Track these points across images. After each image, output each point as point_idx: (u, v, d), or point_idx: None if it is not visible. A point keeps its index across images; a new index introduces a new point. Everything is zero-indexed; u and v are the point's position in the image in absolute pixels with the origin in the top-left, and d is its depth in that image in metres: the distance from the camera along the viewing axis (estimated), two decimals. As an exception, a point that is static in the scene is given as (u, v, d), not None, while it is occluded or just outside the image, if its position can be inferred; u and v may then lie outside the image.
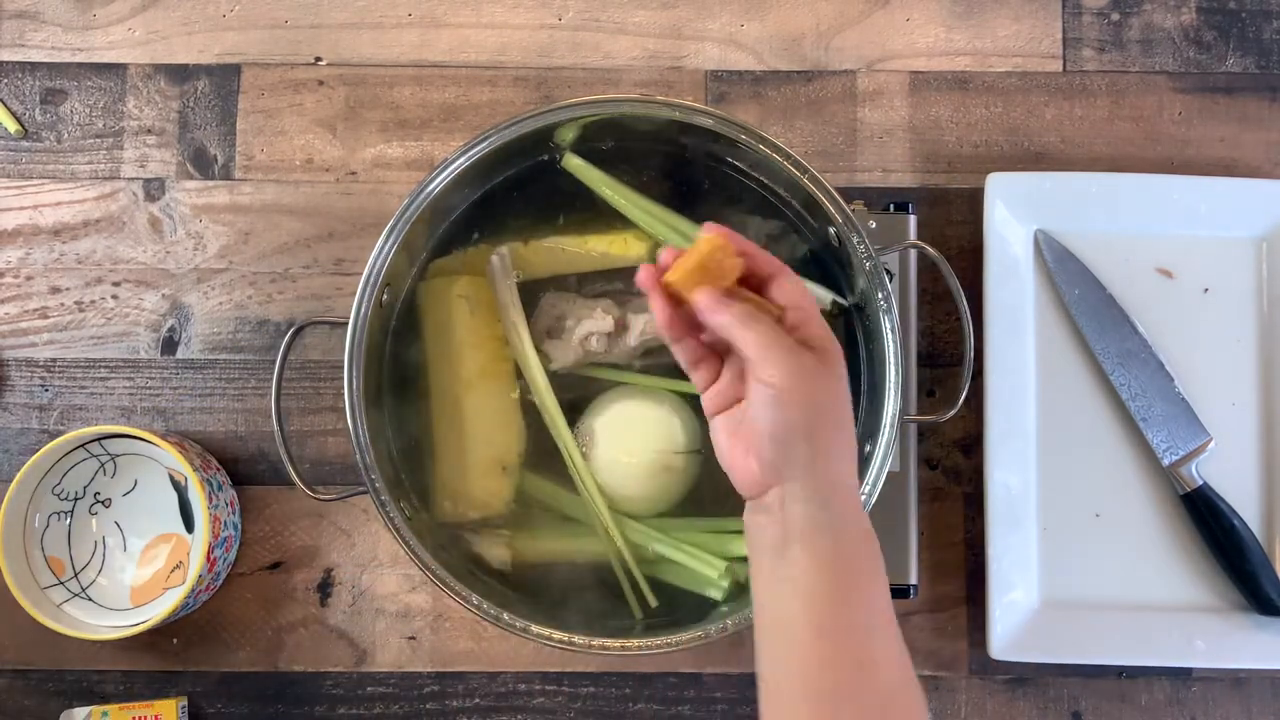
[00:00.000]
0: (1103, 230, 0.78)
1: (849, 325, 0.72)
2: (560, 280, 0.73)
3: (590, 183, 0.71)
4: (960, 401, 0.67)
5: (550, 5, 0.82)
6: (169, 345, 0.79)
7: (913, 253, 0.77)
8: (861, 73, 0.82)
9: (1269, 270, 0.79)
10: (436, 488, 0.71)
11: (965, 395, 0.67)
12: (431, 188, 0.66)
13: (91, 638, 0.73)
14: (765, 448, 0.52)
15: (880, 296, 0.66)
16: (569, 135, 0.70)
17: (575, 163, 0.71)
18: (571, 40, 0.82)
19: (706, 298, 0.52)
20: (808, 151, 0.81)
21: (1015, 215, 0.78)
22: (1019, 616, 0.75)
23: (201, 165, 0.81)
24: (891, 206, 0.77)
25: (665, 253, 0.54)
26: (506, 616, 0.64)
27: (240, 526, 0.77)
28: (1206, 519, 0.75)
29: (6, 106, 0.81)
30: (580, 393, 0.72)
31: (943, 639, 0.78)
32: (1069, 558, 0.76)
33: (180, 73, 0.82)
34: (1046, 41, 0.83)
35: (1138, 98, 0.82)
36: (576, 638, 0.64)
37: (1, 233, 0.80)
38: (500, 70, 0.82)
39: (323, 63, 0.82)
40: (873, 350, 0.69)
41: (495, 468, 0.70)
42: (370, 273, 0.66)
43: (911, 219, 0.77)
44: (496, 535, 0.70)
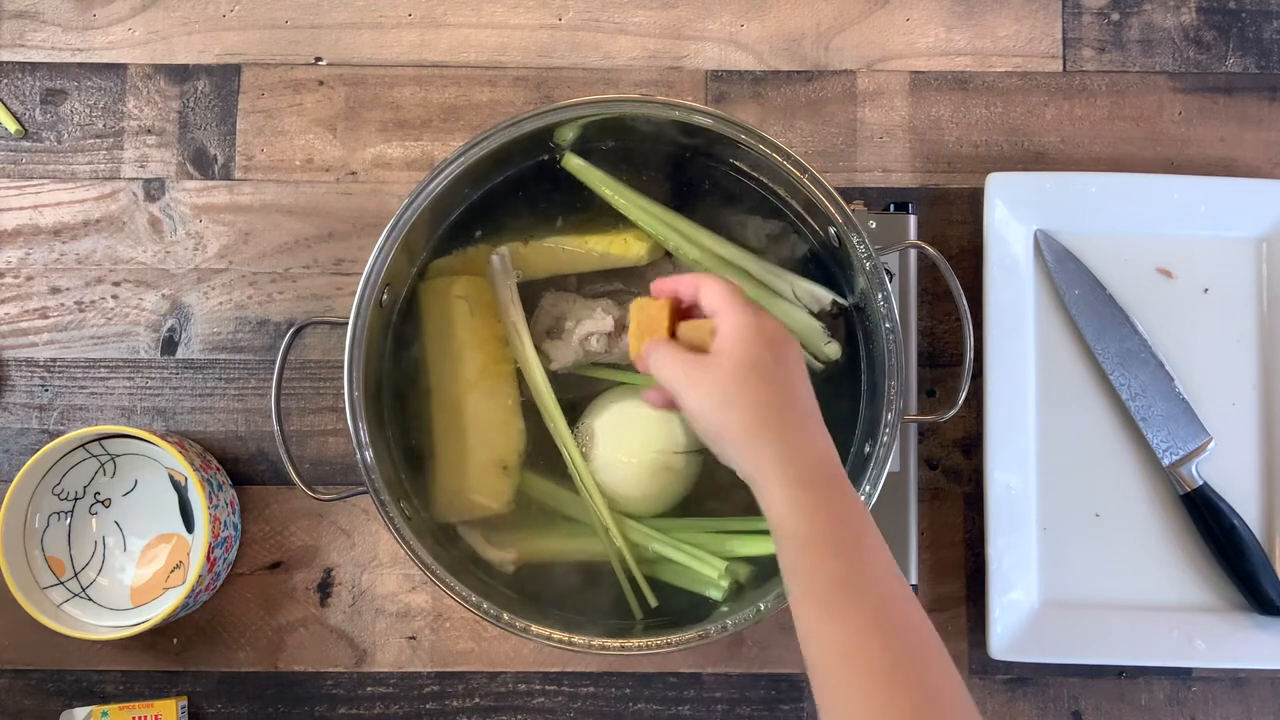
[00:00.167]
0: (1103, 230, 0.78)
1: (849, 325, 0.72)
2: (560, 280, 0.73)
3: (590, 183, 0.71)
4: (960, 401, 0.67)
5: (550, 5, 0.82)
6: (169, 345, 0.79)
7: (913, 253, 0.77)
8: (861, 73, 0.82)
9: (1269, 270, 0.79)
10: (436, 488, 0.71)
11: (965, 395, 0.67)
12: (431, 188, 0.66)
13: (91, 638, 0.73)
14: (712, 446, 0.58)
15: (880, 296, 0.66)
16: (569, 135, 0.70)
17: (575, 163, 0.71)
18: (571, 40, 0.82)
19: (635, 361, 0.61)
20: (808, 151, 0.81)
21: (1015, 215, 0.78)
22: (1019, 616, 0.75)
23: (201, 165, 0.81)
24: (891, 206, 0.77)
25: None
26: (506, 616, 0.64)
27: (240, 526, 0.77)
28: (1206, 519, 0.75)
29: (6, 106, 0.81)
30: (580, 393, 0.72)
31: (943, 639, 0.76)
32: (1069, 558, 0.76)
33: (180, 73, 0.82)
34: (1046, 41, 0.82)
35: (1138, 98, 0.82)
36: (576, 638, 0.64)
37: (1, 233, 0.80)
38: (500, 70, 0.82)
39: (323, 63, 0.82)
40: (873, 350, 0.69)
41: (495, 468, 0.70)
42: (370, 273, 0.66)
43: (911, 219, 0.77)
44: (496, 535, 0.70)
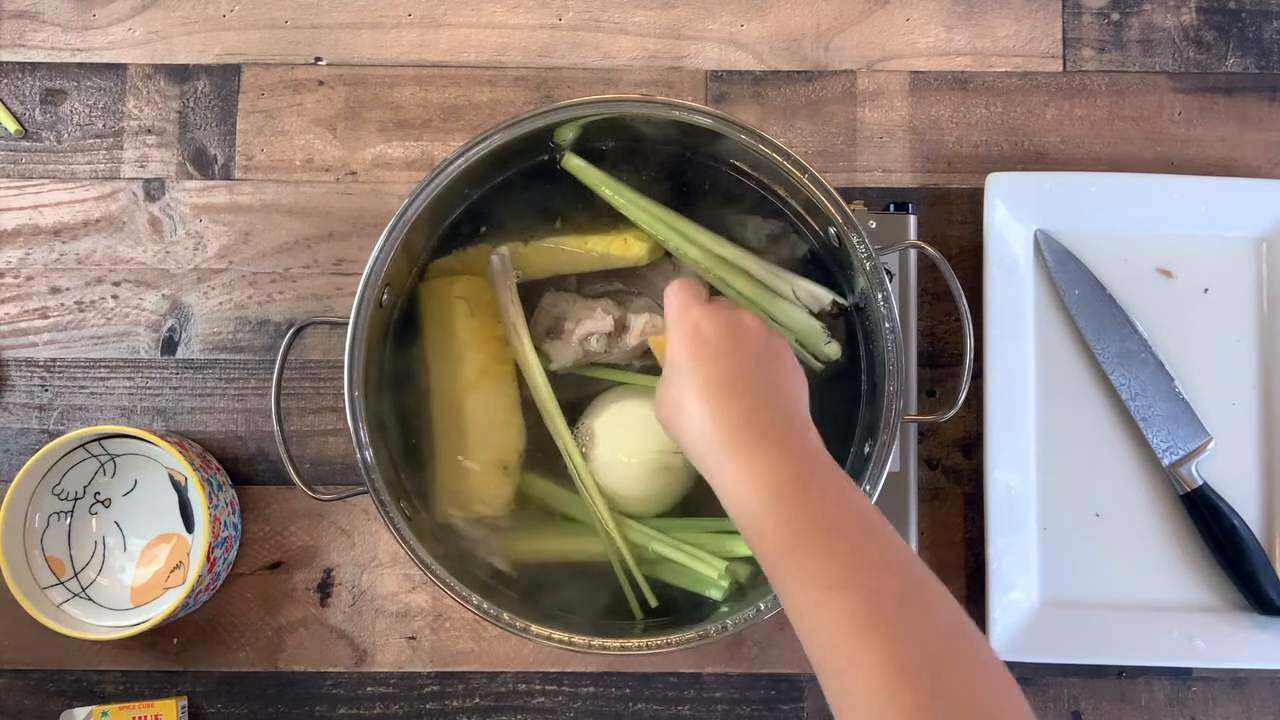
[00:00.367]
0: (1103, 230, 0.78)
1: (849, 325, 0.72)
2: (560, 280, 0.73)
3: (590, 183, 0.71)
4: (960, 401, 0.67)
5: (550, 5, 0.82)
6: (169, 345, 0.79)
7: (913, 253, 0.77)
8: (861, 73, 0.82)
9: (1269, 270, 0.79)
10: (436, 488, 0.70)
11: (965, 395, 0.67)
12: (431, 188, 0.66)
13: (91, 638, 0.73)
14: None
15: (880, 296, 0.66)
16: (569, 135, 0.70)
17: (575, 163, 0.71)
18: (571, 40, 0.82)
19: None
20: (808, 151, 0.81)
21: (1015, 215, 0.78)
22: (1019, 616, 0.75)
23: (201, 165, 0.81)
24: (891, 206, 0.77)
25: None
26: (506, 616, 0.64)
27: (240, 526, 0.77)
28: (1206, 519, 0.75)
29: (6, 106, 0.81)
30: (580, 393, 0.72)
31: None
32: (1069, 558, 0.76)
33: (180, 73, 0.82)
34: (1046, 41, 0.82)
35: (1138, 98, 0.82)
36: (576, 638, 0.64)
37: (1, 233, 0.80)
38: (500, 70, 0.82)
39: (323, 63, 0.82)
40: (873, 350, 0.69)
41: (495, 468, 0.70)
42: (370, 273, 0.66)
43: (911, 219, 0.77)
44: (496, 535, 0.70)
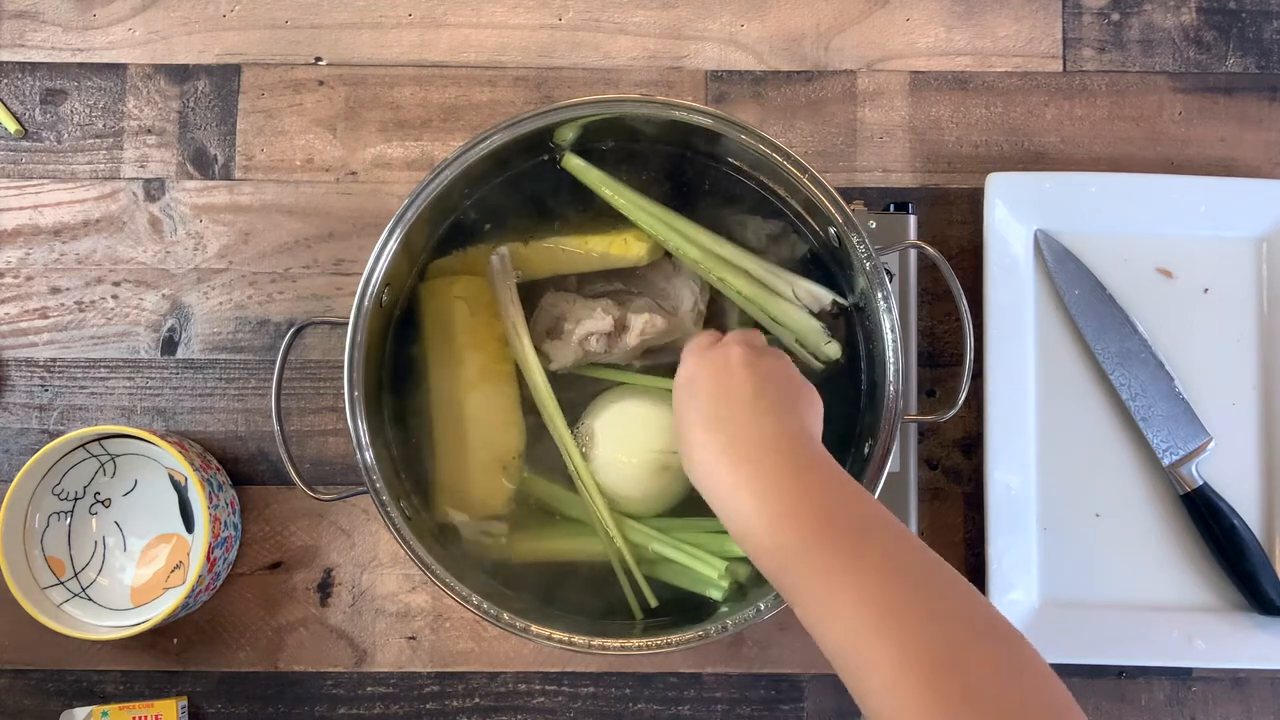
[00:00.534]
0: (1103, 230, 0.78)
1: (849, 325, 0.72)
2: (560, 280, 0.73)
3: (590, 183, 0.71)
4: (960, 401, 0.67)
5: (550, 5, 0.82)
6: (169, 345, 0.79)
7: (913, 253, 0.77)
8: (861, 73, 0.82)
9: (1269, 270, 0.79)
10: (436, 487, 0.71)
11: (965, 395, 0.67)
12: (431, 188, 0.66)
13: (91, 638, 0.73)
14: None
15: (880, 296, 0.66)
16: (569, 135, 0.70)
17: (575, 163, 0.71)
18: (571, 40, 0.82)
19: None
20: (808, 151, 0.81)
21: (1015, 215, 0.78)
22: (1019, 616, 0.75)
23: (201, 165, 0.81)
24: (891, 206, 0.77)
25: None
26: (506, 616, 0.64)
27: (240, 526, 0.77)
28: (1206, 519, 0.75)
29: (6, 106, 0.81)
30: (580, 393, 0.72)
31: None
32: (1069, 558, 0.76)
33: (180, 73, 0.82)
34: (1046, 41, 0.82)
35: (1138, 98, 0.82)
36: (576, 638, 0.64)
37: (1, 233, 0.80)
38: (500, 70, 0.82)
39: (323, 63, 0.82)
40: (873, 350, 0.69)
41: (495, 468, 0.70)
42: (370, 273, 0.66)
43: (911, 219, 0.77)
44: (496, 535, 0.70)
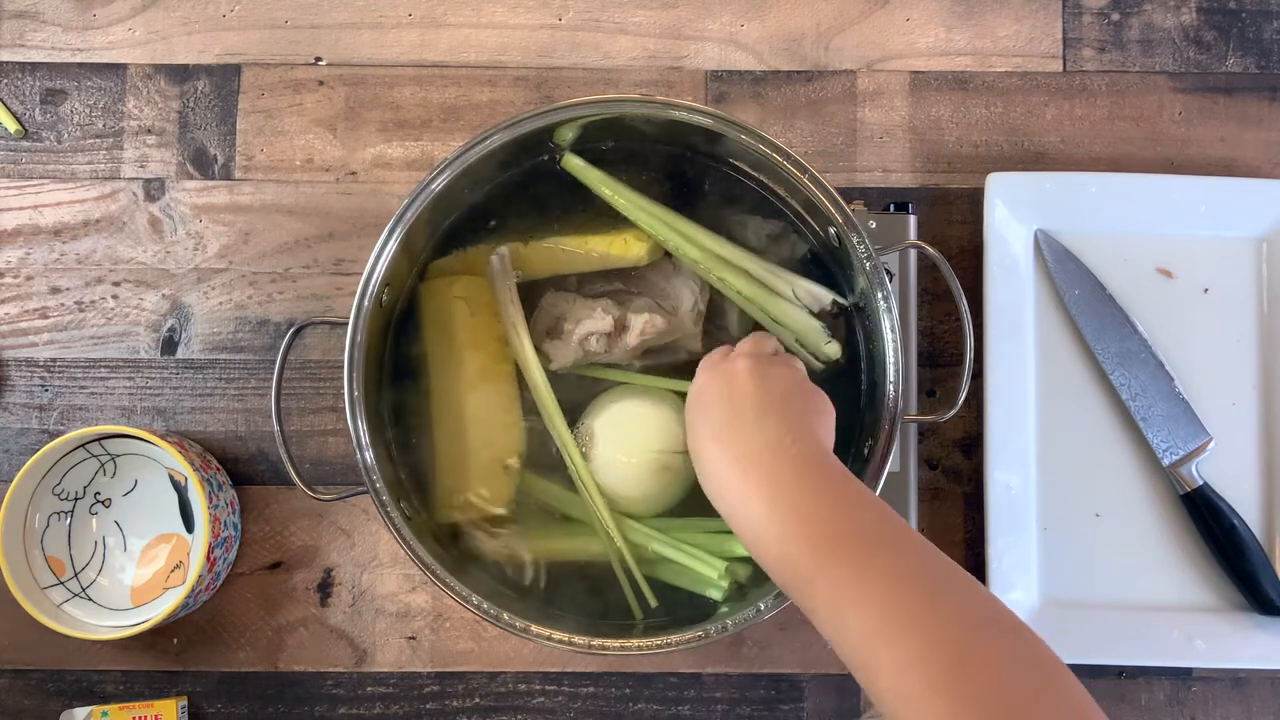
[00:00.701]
0: (1103, 230, 0.78)
1: (849, 325, 0.72)
2: (560, 280, 0.73)
3: (590, 183, 0.71)
4: (960, 401, 0.67)
5: (550, 5, 0.82)
6: (169, 345, 0.79)
7: (913, 253, 0.77)
8: (861, 73, 0.82)
9: (1269, 270, 0.79)
10: (437, 487, 0.71)
11: (965, 395, 0.67)
12: (431, 188, 0.66)
13: (91, 638, 0.73)
14: None
15: (880, 296, 0.66)
16: (569, 135, 0.70)
17: (575, 163, 0.71)
18: (571, 40, 0.82)
19: None
20: (808, 151, 0.81)
21: (1015, 215, 0.78)
22: (1019, 616, 0.75)
23: (201, 165, 0.81)
24: (891, 206, 0.77)
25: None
26: (506, 616, 0.64)
27: (240, 526, 0.77)
28: (1206, 519, 0.75)
29: (6, 106, 0.81)
30: (580, 393, 0.72)
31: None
32: (1069, 558, 0.76)
33: (180, 73, 0.82)
34: (1046, 41, 0.82)
35: (1138, 98, 0.82)
36: (576, 638, 0.64)
37: (1, 233, 0.80)
38: (500, 70, 0.82)
39: (323, 63, 0.82)
40: (873, 350, 0.69)
41: (495, 468, 0.70)
42: (370, 273, 0.66)
43: (911, 219, 0.77)
44: (497, 535, 0.70)
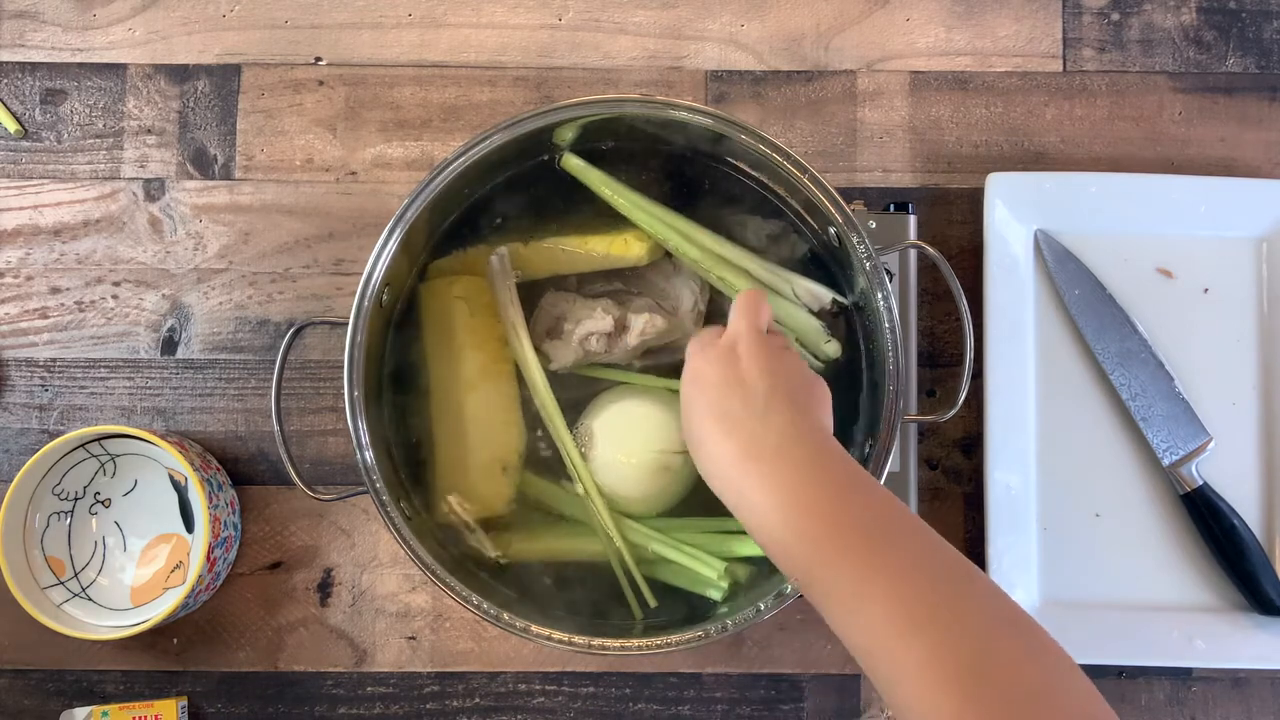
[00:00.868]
0: (1103, 230, 0.78)
1: (849, 325, 0.72)
2: (560, 280, 0.73)
3: (590, 183, 0.71)
4: (960, 401, 0.67)
5: (550, 5, 0.82)
6: (169, 345, 0.79)
7: (913, 253, 0.77)
8: (861, 73, 0.82)
9: (1269, 270, 0.79)
10: (437, 488, 0.71)
11: (965, 395, 0.67)
12: (431, 188, 0.66)
13: (91, 638, 0.73)
14: None
15: (880, 296, 0.66)
16: (569, 135, 0.70)
17: (575, 163, 0.71)
18: (571, 40, 0.82)
19: None
20: (808, 151, 0.81)
21: (1015, 215, 0.78)
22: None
23: (201, 165, 0.81)
24: (891, 206, 0.77)
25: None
26: (506, 616, 0.64)
27: (240, 526, 0.77)
28: (1206, 519, 0.75)
29: (6, 106, 0.81)
30: (580, 393, 0.72)
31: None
32: (1069, 558, 0.76)
33: (180, 73, 0.82)
34: (1046, 41, 0.82)
35: (1138, 98, 0.82)
36: (576, 638, 0.64)
37: (1, 233, 0.80)
38: (500, 70, 0.82)
39: (323, 63, 0.82)
40: (873, 350, 0.69)
41: (495, 468, 0.70)
42: (370, 273, 0.66)
43: (911, 219, 0.77)
44: (496, 535, 0.70)
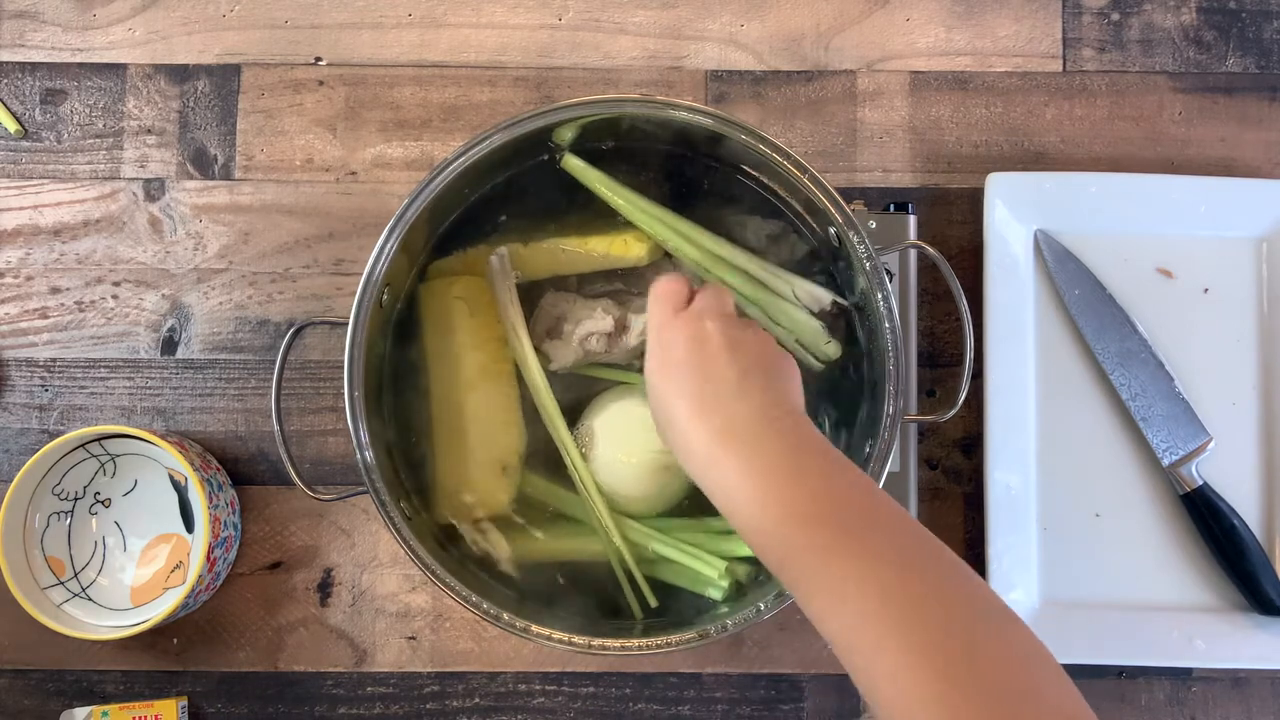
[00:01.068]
0: (1103, 230, 0.78)
1: (849, 325, 0.72)
2: (560, 280, 0.73)
3: (589, 183, 0.71)
4: (960, 401, 0.67)
5: (550, 5, 0.82)
6: (169, 345, 0.79)
7: (913, 253, 0.77)
8: (861, 73, 0.82)
9: (1269, 270, 0.79)
10: (436, 488, 0.71)
11: (965, 395, 0.67)
12: (431, 188, 0.66)
13: (91, 638, 0.73)
14: None
15: (880, 296, 0.66)
16: (568, 135, 0.70)
17: (574, 163, 0.71)
18: (571, 40, 0.82)
19: None
20: (808, 151, 0.81)
21: (1015, 215, 0.78)
22: (1019, 616, 0.75)
23: (201, 165, 0.81)
24: (891, 206, 0.77)
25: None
26: (506, 616, 0.64)
27: (240, 526, 0.77)
28: (1206, 519, 0.75)
29: (6, 106, 0.81)
30: (580, 393, 0.72)
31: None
32: (1069, 558, 0.76)
33: (180, 73, 0.82)
34: (1046, 41, 0.82)
35: (1138, 98, 0.82)
36: (576, 638, 0.64)
37: (1, 233, 0.80)
38: (500, 70, 0.82)
39: (323, 63, 0.82)
40: (873, 350, 0.69)
41: (495, 468, 0.70)
42: (370, 273, 0.66)
43: (911, 219, 0.77)
44: (496, 535, 0.71)
